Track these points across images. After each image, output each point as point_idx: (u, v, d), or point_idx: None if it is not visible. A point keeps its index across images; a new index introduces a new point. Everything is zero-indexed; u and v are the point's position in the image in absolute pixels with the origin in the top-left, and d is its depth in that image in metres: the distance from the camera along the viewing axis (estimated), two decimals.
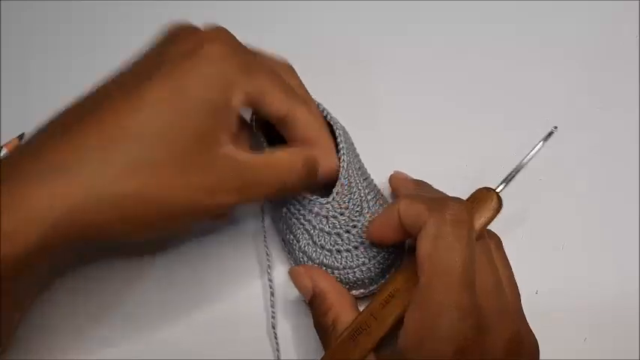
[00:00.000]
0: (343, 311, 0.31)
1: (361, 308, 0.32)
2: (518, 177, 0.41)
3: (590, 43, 0.48)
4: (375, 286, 0.35)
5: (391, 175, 0.39)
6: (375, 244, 0.35)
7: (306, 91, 0.37)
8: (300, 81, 0.37)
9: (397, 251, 0.36)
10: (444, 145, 0.43)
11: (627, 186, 0.41)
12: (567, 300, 0.33)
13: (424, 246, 0.28)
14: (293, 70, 0.37)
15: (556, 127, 0.34)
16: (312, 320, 0.32)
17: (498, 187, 0.34)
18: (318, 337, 0.32)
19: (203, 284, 0.38)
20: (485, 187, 0.33)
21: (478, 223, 0.31)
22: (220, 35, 0.30)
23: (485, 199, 0.32)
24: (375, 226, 0.34)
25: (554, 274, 0.35)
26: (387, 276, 0.35)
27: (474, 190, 0.33)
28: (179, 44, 0.29)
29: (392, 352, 0.29)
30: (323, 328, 0.31)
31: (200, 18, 0.52)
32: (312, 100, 0.37)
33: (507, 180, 0.34)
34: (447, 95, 0.46)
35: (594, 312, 0.36)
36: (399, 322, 0.29)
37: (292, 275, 0.34)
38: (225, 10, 0.52)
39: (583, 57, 0.47)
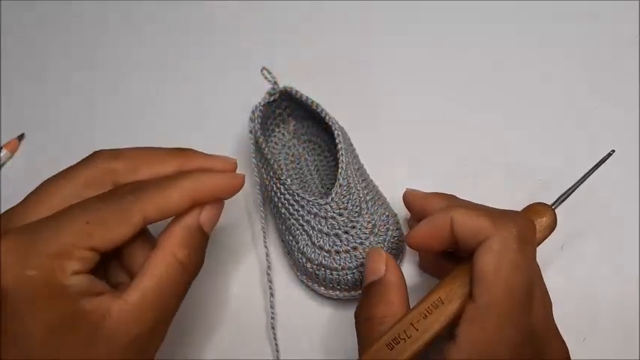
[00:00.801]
0: (398, 313, 0.29)
1: None
2: (516, 178, 0.41)
3: (590, 43, 0.48)
4: None
5: (405, 193, 0.36)
6: (417, 249, 0.33)
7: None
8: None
9: (395, 252, 0.36)
10: (444, 145, 0.43)
11: (627, 186, 0.41)
12: (567, 300, 0.33)
13: (487, 261, 0.27)
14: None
15: (614, 150, 0.33)
16: (311, 321, 0.31)
17: (554, 204, 0.32)
18: (311, 331, 0.30)
19: (203, 285, 0.38)
20: (540, 203, 0.32)
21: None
22: None
23: (541, 215, 0.31)
24: (419, 234, 0.31)
25: (553, 274, 0.35)
26: None
27: (529, 204, 0.32)
28: None
29: None
30: (368, 318, 0.29)
31: (201, 18, 0.52)
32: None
33: (562, 199, 0.32)
34: (446, 95, 0.46)
35: (594, 312, 0.36)
36: (439, 333, 0.27)
37: (372, 254, 0.31)
38: (226, 11, 0.52)
39: (583, 57, 0.47)
